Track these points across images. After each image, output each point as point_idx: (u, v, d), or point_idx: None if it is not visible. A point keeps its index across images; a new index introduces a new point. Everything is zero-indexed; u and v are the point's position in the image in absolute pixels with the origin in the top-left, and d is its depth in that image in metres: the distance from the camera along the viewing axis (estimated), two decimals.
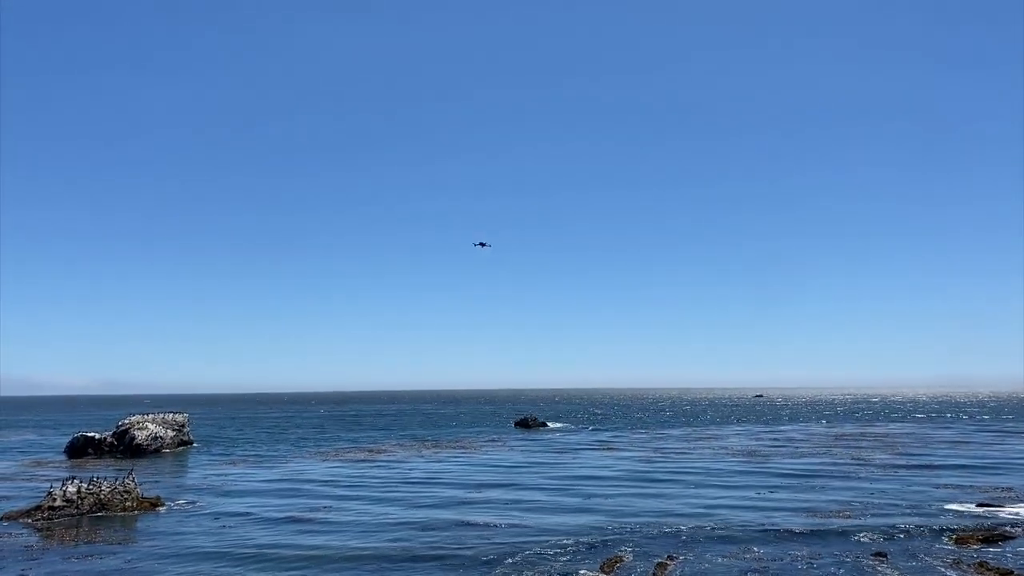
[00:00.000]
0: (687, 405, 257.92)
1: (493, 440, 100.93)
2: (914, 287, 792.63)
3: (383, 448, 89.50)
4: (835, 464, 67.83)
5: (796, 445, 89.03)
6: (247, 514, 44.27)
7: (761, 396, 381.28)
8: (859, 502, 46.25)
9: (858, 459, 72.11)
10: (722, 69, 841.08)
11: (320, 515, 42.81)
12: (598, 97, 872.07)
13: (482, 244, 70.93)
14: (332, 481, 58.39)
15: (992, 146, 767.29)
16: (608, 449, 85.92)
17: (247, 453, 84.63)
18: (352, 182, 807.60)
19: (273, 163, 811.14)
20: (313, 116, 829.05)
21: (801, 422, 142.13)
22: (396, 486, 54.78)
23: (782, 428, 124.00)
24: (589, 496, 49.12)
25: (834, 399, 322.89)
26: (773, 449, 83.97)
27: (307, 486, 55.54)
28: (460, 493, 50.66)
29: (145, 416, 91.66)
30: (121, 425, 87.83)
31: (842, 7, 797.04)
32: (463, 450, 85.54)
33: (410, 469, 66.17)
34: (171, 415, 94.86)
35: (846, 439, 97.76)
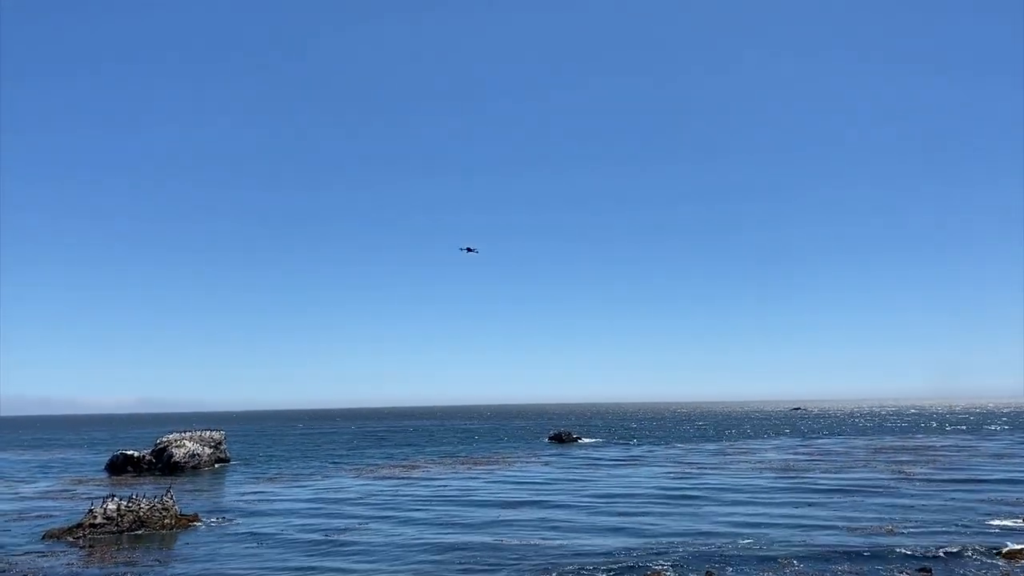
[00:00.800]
0: (721, 418, 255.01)
1: (528, 456, 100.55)
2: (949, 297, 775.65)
3: (416, 464, 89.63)
4: (875, 478, 66.47)
5: (835, 459, 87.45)
6: (283, 532, 44.56)
7: (799, 409, 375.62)
8: (901, 517, 45.25)
9: (899, 472, 70.63)
10: (722, 77, 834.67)
11: (354, 536, 42.73)
12: (601, 103, 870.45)
13: (469, 249, 67.95)
14: (366, 499, 58.53)
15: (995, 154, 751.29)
16: (643, 464, 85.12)
17: (282, 470, 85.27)
18: (376, 195, 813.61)
19: (290, 175, 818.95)
20: (335, 123, 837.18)
21: (839, 435, 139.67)
22: (431, 504, 54.71)
23: (820, 441, 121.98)
24: (624, 514, 48.59)
25: (872, 411, 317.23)
26: (811, 463, 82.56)
27: (342, 504, 55.76)
28: (495, 511, 50.46)
29: (183, 434, 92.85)
30: (159, 443, 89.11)
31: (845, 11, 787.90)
32: (497, 466, 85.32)
33: (444, 486, 66.08)
34: (208, 432, 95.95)
35: (886, 452, 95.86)
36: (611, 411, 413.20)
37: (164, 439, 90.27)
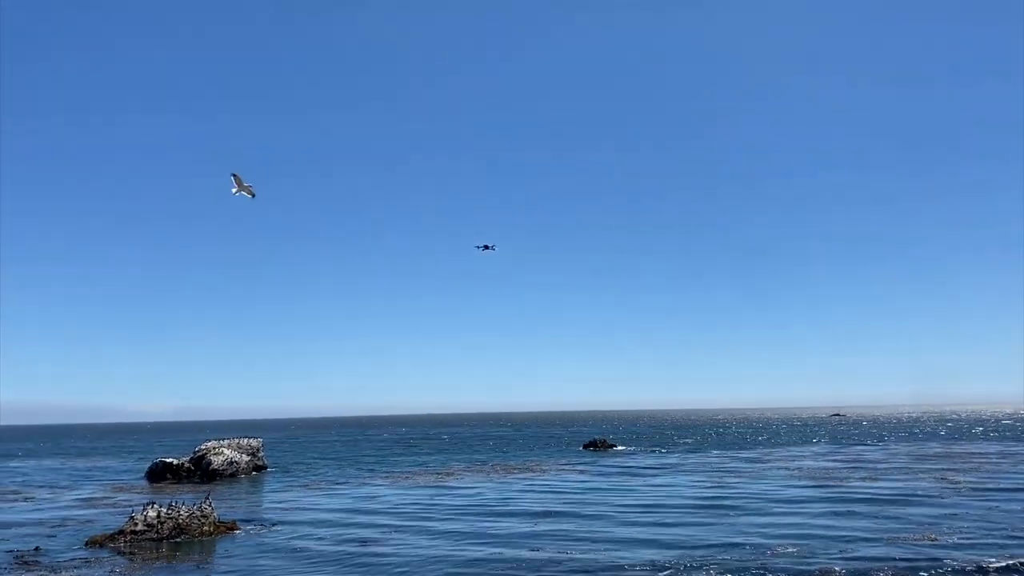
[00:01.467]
0: (757, 425, 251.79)
1: (562, 463, 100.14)
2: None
3: (450, 471, 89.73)
4: (919, 486, 64.98)
5: (876, 466, 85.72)
6: (319, 542, 44.81)
7: (838, 415, 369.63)
8: (947, 527, 44.13)
9: (943, 480, 68.99)
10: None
11: (389, 548, 42.56)
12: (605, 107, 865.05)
13: (485, 247, 64.12)
14: (402, 508, 58.64)
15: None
16: (679, 472, 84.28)
17: (319, 478, 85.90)
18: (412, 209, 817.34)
19: (310, 177, 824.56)
20: (352, 120, 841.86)
21: (880, 441, 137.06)
22: (465, 514, 54.60)
23: (860, 448, 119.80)
24: (662, 524, 47.99)
25: (915, 417, 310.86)
26: (851, 470, 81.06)
27: (377, 515, 55.86)
28: (531, 521, 50.14)
29: (221, 441, 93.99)
30: (198, 451, 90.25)
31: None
32: (532, 474, 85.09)
33: (478, 495, 66.00)
34: (245, 440, 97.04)
35: (929, 459, 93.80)
36: (643, 418, 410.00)
37: (202, 447, 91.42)
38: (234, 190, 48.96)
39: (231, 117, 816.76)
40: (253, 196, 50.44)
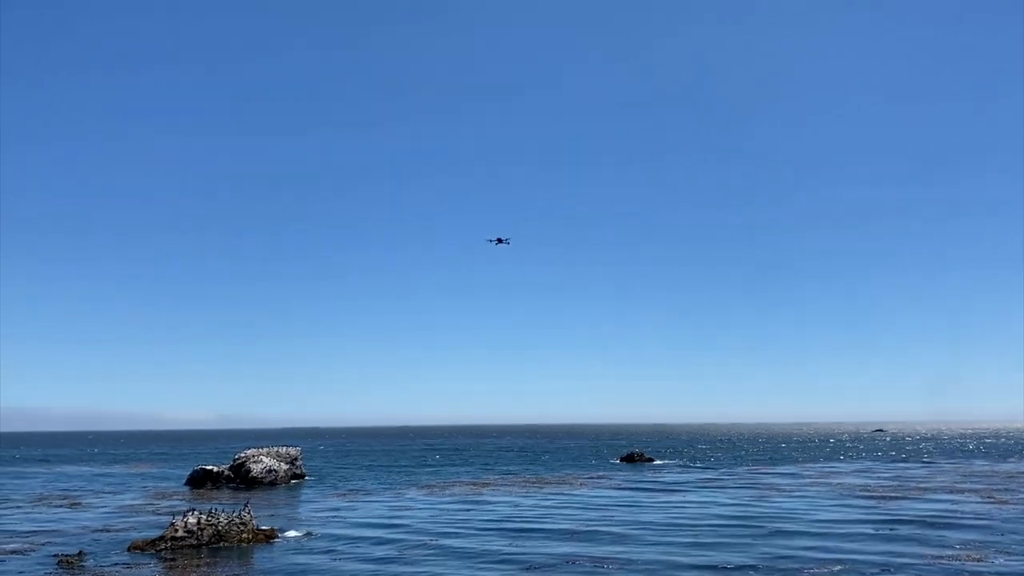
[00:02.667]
0: (797, 440, 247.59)
1: (599, 476, 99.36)
2: None
3: (486, 483, 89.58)
4: (965, 505, 63.31)
5: (920, 483, 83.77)
6: (356, 551, 45.07)
7: (881, 431, 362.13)
8: (996, 549, 42.88)
9: (990, 499, 67.15)
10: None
11: (426, 567, 41.71)
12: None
13: (499, 240, 61.55)
14: (436, 519, 58.64)
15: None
16: (719, 488, 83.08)
17: (355, 487, 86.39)
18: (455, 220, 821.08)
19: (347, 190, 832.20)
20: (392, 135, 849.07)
21: (924, 459, 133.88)
22: (502, 528, 54.26)
23: (903, 465, 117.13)
24: (704, 545, 46.91)
25: (960, 434, 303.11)
26: (895, 488, 79.23)
27: (411, 526, 55.92)
28: (570, 538, 49.53)
29: (260, 449, 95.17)
30: (238, 458, 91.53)
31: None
32: (568, 486, 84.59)
33: (515, 507, 65.77)
34: (284, 448, 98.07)
35: (975, 478, 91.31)
36: (678, 432, 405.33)
37: (242, 454, 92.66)
38: None
39: (288, 136, 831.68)
40: None
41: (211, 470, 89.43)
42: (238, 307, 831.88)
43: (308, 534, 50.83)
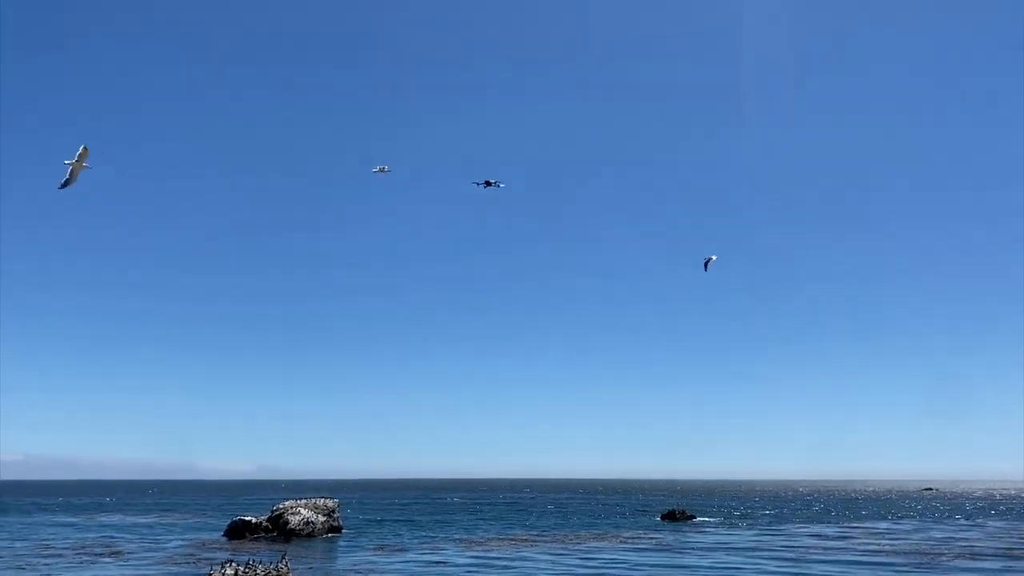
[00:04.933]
0: (840, 498, 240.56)
1: (641, 534, 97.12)
2: None
3: (525, 539, 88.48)
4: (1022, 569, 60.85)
5: (974, 545, 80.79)
6: None
7: (931, 489, 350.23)
8: None
9: None
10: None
11: None
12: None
13: (488, 183, 54.68)
14: (478, 573, 58.00)
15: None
16: (762, 549, 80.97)
17: (392, 541, 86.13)
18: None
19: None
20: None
21: (979, 519, 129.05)
22: None
23: (956, 524, 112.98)
24: None
25: (1014, 493, 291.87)
26: (948, 549, 76.57)
27: None
28: None
29: (297, 501, 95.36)
30: (276, 510, 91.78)
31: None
32: (609, 544, 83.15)
33: (555, 564, 64.78)
34: (322, 500, 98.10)
35: None
36: (718, 489, 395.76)
37: (280, 506, 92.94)
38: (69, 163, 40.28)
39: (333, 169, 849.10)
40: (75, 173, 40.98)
41: (249, 521, 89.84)
42: (280, 358, 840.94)
43: None
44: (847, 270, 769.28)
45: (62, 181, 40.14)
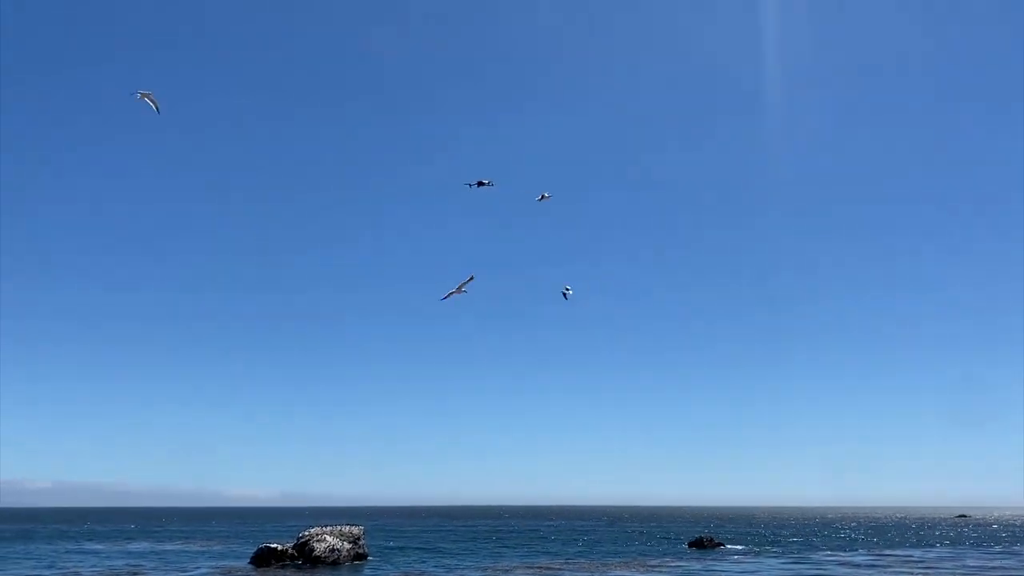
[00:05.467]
0: (870, 524, 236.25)
1: (669, 563, 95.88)
2: None
3: (550, 567, 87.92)
4: None
5: (1010, 573, 79.20)
6: None
7: (965, 516, 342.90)
8: None
9: None
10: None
11: None
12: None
13: (480, 183, 51.70)
14: None
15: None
16: None
17: (417, 569, 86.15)
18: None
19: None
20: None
21: (1015, 546, 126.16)
22: None
23: (991, 552, 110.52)
24: None
25: None
26: None
27: None
28: None
29: (323, 528, 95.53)
30: (301, 537, 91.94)
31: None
32: (634, 572, 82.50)
33: None
34: (347, 527, 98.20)
35: None
36: (743, 515, 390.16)
37: (306, 533, 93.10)
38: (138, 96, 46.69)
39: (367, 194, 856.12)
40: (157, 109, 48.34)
41: (275, 548, 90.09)
42: (304, 384, 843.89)
43: None
44: (872, 278, 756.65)
45: (152, 106, 46.88)
